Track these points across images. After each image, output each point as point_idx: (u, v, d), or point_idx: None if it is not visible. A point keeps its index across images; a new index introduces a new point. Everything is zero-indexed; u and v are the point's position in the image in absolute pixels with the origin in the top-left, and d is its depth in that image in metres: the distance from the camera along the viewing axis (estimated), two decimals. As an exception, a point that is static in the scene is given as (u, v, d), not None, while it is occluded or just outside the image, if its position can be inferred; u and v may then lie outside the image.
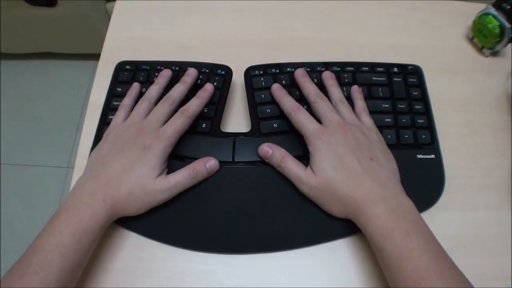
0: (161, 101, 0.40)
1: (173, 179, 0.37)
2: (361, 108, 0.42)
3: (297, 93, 0.44)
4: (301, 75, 0.43)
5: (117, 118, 0.41)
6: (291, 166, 0.38)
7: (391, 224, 0.33)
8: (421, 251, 0.31)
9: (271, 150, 0.39)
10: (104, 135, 0.41)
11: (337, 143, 0.37)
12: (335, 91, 0.42)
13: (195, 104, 0.40)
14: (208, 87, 0.42)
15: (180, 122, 0.39)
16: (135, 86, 0.44)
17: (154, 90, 0.42)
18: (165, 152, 0.37)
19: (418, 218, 0.34)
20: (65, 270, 0.31)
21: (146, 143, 0.37)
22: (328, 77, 0.44)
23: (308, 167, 0.38)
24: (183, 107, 0.40)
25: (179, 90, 0.41)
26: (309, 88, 0.42)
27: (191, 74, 0.43)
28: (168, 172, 0.38)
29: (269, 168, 0.40)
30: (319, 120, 0.39)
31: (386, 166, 0.38)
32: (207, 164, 0.39)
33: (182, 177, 0.38)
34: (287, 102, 0.41)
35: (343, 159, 0.36)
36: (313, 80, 0.44)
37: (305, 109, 0.40)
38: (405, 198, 0.36)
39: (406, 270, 0.31)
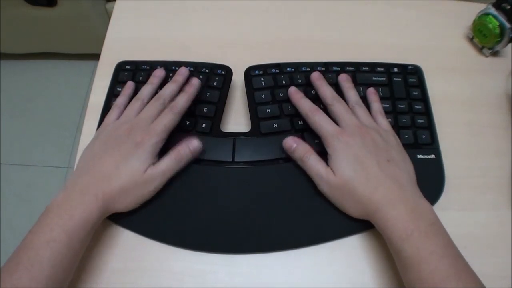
0: (152, 100, 0.41)
1: (159, 167, 0.38)
2: (378, 110, 0.43)
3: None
4: (317, 78, 0.43)
5: (110, 117, 0.41)
6: (313, 161, 0.38)
7: (410, 225, 0.33)
8: (440, 254, 0.32)
9: (295, 144, 0.39)
10: (96, 133, 0.41)
11: (355, 145, 0.37)
12: (352, 93, 0.43)
13: (182, 100, 0.41)
14: (194, 82, 0.42)
15: (168, 117, 0.39)
16: (129, 85, 0.44)
17: (147, 90, 0.42)
18: (155, 147, 0.38)
19: (436, 220, 0.34)
20: (56, 267, 0.31)
21: (137, 140, 0.37)
22: (344, 80, 0.44)
23: (329, 166, 0.38)
24: (171, 104, 0.41)
25: (170, 89, 0.42)
26: (326, 91, 0.42)
27: (182, 73, 0.43)
28: None
29: (269, 168, 0.40)
30: (336, 122, 0.40)
31: (404, 167, 0.38)
32: (190, 146, 0.39)
33: (168, 162, 0.38)
34: (305, 105, 0.41)
35: (362, 160, 0.36)
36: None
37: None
38: (423, 200, 0.36)
39: (425, 272, 0.31)
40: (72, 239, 0.32)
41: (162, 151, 0.39)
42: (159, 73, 0.44)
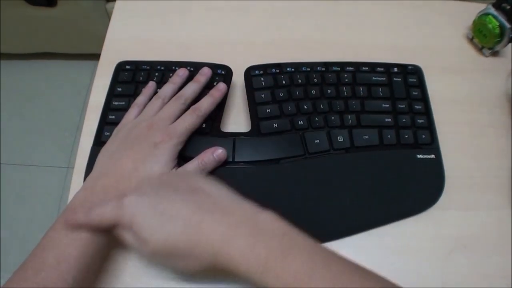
0: (173, 99, 0.40)
1: None
2: None
3: (297, 93, 0.44)
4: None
5: (129, 115, 0.41)
6: None
7: (261, 251, 0.28)
8: (307, 270, 0.27)
9: None
10: (115, 131, 0.40)
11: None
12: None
13: (207, 103, 0.40)
14: (221, 87, 0.42)
15: (191, 120, 0.39)
16: (151, 85, 0.44)
17: (168, 89, 0.42)
18: (175, 149, 0.37)
19: (285, 228, 0.30)
20: (81, 266, 0.31)
21: (157, 140, 0.37)
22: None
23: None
24: (195, 106, 0.40)
25: (192, 89, 0.41)
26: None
27: (205, 73, 0.43)
28: None
29: (269, 168, 0.40)
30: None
31: (214, 190, 0.33)
32: (215, 154, 0.39)
33: (192, 170, 0.37)
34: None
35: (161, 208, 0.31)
36: (313, 80, 0.44)
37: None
38: (260, 212, 0.31)
39: None
40: (96, 238, 0.32)
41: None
42: (182, 72, 0.43)
